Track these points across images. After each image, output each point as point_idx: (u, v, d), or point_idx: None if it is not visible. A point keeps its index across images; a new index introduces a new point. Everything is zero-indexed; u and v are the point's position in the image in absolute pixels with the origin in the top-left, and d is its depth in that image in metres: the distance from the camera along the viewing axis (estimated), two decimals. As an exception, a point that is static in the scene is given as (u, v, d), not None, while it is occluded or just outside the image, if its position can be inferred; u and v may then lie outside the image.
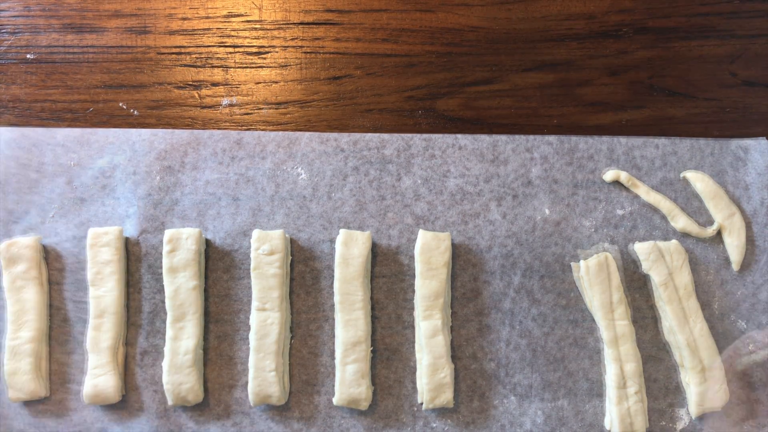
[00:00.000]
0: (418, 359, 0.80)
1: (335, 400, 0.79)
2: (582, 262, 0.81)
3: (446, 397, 0.79)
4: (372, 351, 0.81)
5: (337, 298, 0.80)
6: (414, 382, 0.81)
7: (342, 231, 0.81)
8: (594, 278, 0.80)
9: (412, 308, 0.83)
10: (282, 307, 0.80)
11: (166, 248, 0.80)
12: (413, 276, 0.83)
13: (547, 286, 0.83)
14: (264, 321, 0.79)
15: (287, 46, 0.90)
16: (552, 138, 0.86)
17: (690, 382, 0.78)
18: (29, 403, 0.80)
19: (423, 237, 0.81)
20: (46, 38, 0.89)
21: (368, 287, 0.82)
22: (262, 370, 0.78)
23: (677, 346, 0.80)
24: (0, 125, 0.87)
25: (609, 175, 0.85)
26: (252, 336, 0.79)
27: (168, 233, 0.80)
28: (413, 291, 0.83)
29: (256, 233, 0.81)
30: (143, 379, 0.81)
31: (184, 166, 0.85)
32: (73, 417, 0.80)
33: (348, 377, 0.79)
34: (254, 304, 0.80)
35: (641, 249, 0.82)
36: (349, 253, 0.81)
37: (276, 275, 0.80)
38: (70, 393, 0.80)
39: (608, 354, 0.79)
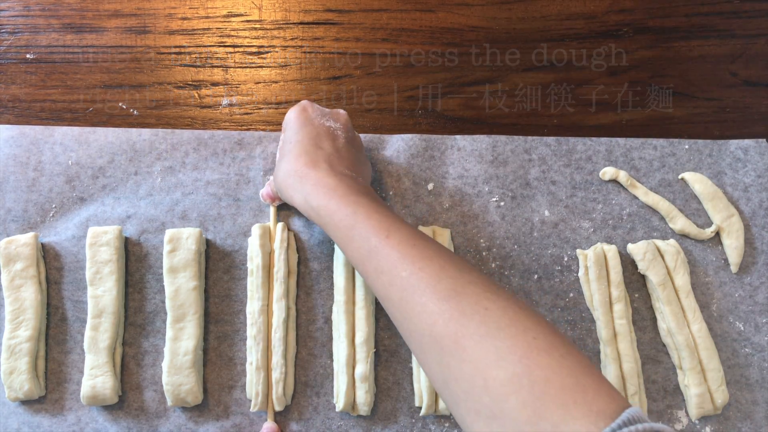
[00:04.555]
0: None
1: (338, 407, 0.78)
2: (590, 249, 0.81)
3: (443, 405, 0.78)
4: (371, 352, 0.81)
5: (338, 299, 0.80)
6: (412, 384, 0.81)
7: None
8: (596, 268, 0.80)
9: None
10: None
11: (166, 248, 0.80)
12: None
13: (545, 287, 0.83)
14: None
15: (287, 46, 0.90)
16: (550, 139, 0.86)
17: (689, 383, 0.78)
18: (25, 402, 0.80)
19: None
20: (45, 38, 0.89)
21: (369, 288, 0.81)
22: (261, 371, 0.78)
23: (675, 348, 0.80)
24: (-1, 124, 0.87)
25: (607, 173, 0.85)
26: (252, 337, 0.79)
27: (168, 233, 0.80)
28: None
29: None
30: (143, 379, 0.81)
31: (184, 166, 0.85)
32: (69, 417, 0.80)
33: (349, 381, 0.78)
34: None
35: (636, 249, 0.82)
36: None
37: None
38: (67, 392, 0.81)
39: (606, 354, 0.79)
